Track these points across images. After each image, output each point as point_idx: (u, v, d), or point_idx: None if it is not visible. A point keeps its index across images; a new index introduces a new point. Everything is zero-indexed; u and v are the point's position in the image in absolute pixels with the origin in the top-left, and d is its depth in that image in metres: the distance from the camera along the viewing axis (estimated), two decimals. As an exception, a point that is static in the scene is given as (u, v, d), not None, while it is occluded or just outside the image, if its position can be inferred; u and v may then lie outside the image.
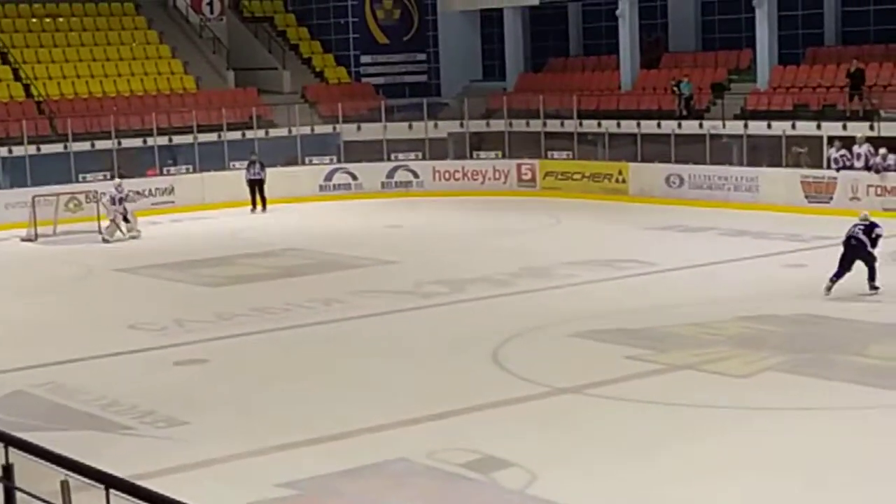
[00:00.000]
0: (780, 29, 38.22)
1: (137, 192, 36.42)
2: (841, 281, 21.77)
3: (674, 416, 15.23)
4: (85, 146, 37.95)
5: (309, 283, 25.49)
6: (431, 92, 45.93)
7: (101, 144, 38.17)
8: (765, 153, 35.31)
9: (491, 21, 46.71)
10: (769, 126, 35.29)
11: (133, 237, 32.65)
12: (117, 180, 34.06)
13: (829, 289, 21.75)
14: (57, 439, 13.65)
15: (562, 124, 40.16)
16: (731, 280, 24.29)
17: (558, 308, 21.95)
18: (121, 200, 32.90)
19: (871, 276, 22.02)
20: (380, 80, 45.91)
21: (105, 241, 32.31)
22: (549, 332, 20.17)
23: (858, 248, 21.92)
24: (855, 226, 22.18)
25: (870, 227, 22.08)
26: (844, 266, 21.90)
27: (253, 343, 20.18)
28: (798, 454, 13.54)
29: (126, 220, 32.83)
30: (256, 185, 37.40)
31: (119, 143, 38.37)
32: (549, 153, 39.91)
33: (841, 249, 22.08)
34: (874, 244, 22.01)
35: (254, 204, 37.33)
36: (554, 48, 46.01)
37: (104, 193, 33.39)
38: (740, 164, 35.52)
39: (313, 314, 22.11)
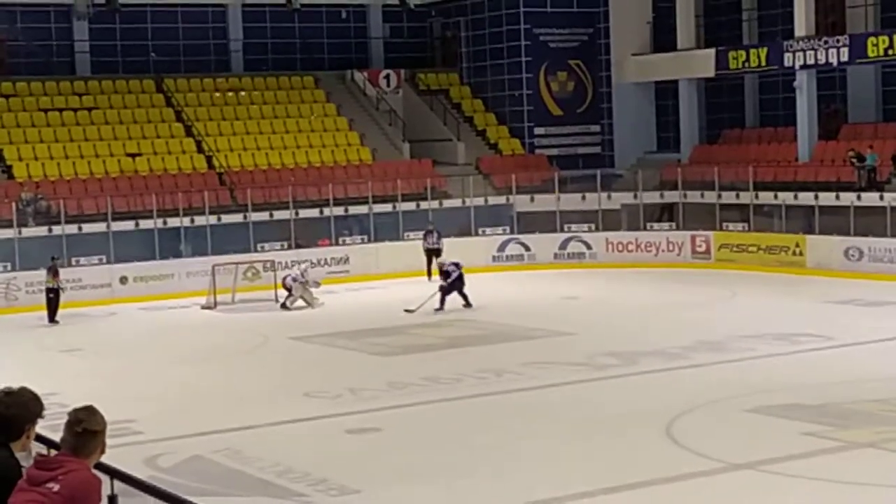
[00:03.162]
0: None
1: (312, 263, 37.13)
2: None
3: (853, 496, 14.82)
4: (263, 216, 38.76)
5: (481, 354, 25.53)
6: (605, 163, 45.86)
7: (278, 214, 38.95)
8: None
9: (666, 93, 46.55)
10: (953, 198, 34.42)
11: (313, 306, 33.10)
12: (303, 266, 34.36)
13: None
14: (232, 505, 13.88)
15: (737, 196, 39.74)
16: (913, 356, 23.64)
17: (733, 382, 21.58)
18: (302, 285, 33.28)
19: None
20: (553, 152, 46.06)
21: (284, 307, 32.88)
22: (724, 407, 19.83)
23: None
24: None
25: None
26: None
27: (425, 413, 20.25)
28: None
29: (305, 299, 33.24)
30: (433, 255, 37.69)
31: (296, 214, 39.09)
32: (725, 225, 39.48)
33: None
34: None
35: (430, 273, 37.60)
36: (729, 120, 45.65)
37: (289, 275, 33.74)
38: (922, 236, 34.68)
39: (485, 385, 22.12)
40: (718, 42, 43.68)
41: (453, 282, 32.09)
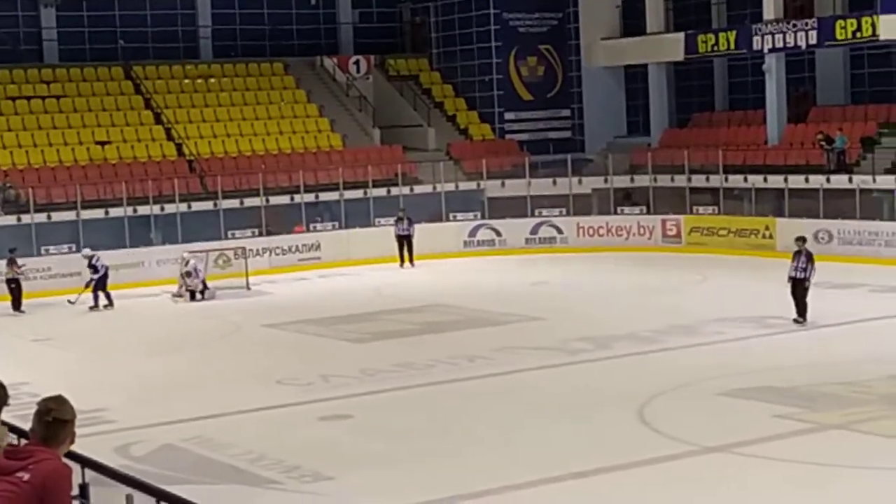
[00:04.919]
0: (932, 81, 37.56)
1: (284, 249, 37.21)
2: None
3: (823, 477, 14.90)
4: (234, 203, 38.67)
5: (453, 340, 25.54)
6: (575, 148, 45.94)
7: (249, 202, 38.85)
8: (917, 208, 34.62)
9: (635, 77, 46.60)
10: (921, 180, 34.61)
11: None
12: (185, 255, 33.83)
13: None
14: (205, 492, 13.87)
15: (707, 179, 39.87)
16: (882, 338, 23.74)
17: (705, 365, 21.65)
18: (188, 274, 33.01)
19: None
20: (524, 137, 46.07)
21: (177, 296, 32.92)
22: (695, 390, 19.91)
23: None
24: None
25: None
26: None
27: (397, 399, 20.24)
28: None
29: (193, 294, 32.92)
30: (405, 241, 37.69)
31: (267, 201, 39.00)
32: (695, 209, 39.59)
33: None
34: None
35: (402, 259, 37.61)
36: (699, 103, 45.75)
37: (185, 261, 33.40)
38: (891, 219, 34.82)
39: (457, 370, 22.13)
40: (687, 26, 43.76)
41: (101, 278, 32.01)
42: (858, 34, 37.85)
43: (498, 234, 40.52)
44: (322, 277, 36.43)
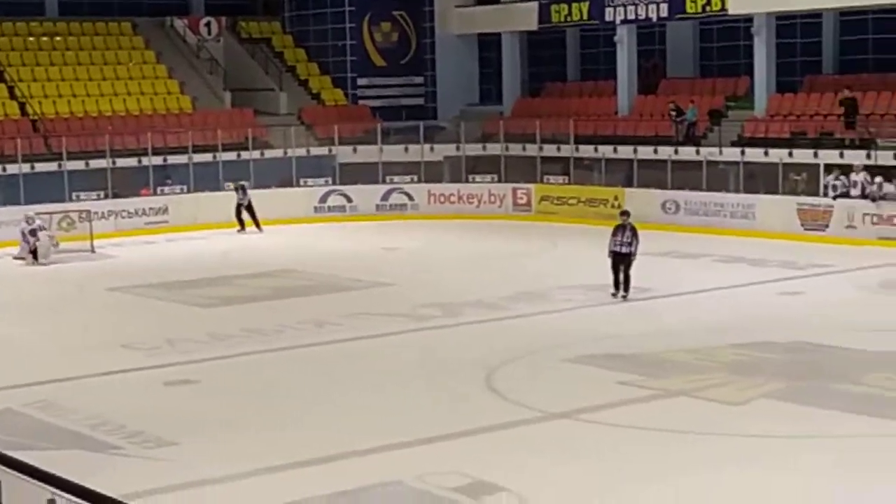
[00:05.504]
0: (778, 57, 38.24)
1: (131, 212, 36.64)
2: None
3: (665, 443, 15.09)
4: (79, 165, 37.88)
5: (302, 305, 25.37)
6: (428, 115, 45.90)
7: (95, 163, 38.08)
8: (761, 180, 35.25)
9: (489, 45, 46.69)
10: (766, 153, 35.28)
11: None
12: (30, 213, 33.08)
13: None
14: (45, 458, 13.52)
15: (558, 149, 40.16)
16: (726, 307, 24.18)
17: (553, 332, 21.83)
18: (33, 232, 32.35)
19: None
20: (376, 103, 45.88)
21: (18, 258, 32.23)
22: (543, 357, 20.05)
23: None
24: None
25: None
26: None
27: (244, 364, 20.03)
28: (793, 483, 13.41)
29: (34, 255, 32.22)
30: (242, 209, 37.30)
31: (114, 163, 38.28)
32: (546, 178, 39.88)
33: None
34: None
35: (241, 224, 37.20)
36: (551, 73, 46.01)
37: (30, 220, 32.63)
38: (737, 190, 35.46)
39: (306, 336, 21.98)
40: (541, -6, 43.95)
41: None
42: (708, 8, 38.43)
43: (349, 200, 40.34)
44: (170, 241, 35.92)
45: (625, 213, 25.67)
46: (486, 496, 13.06)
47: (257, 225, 37.28)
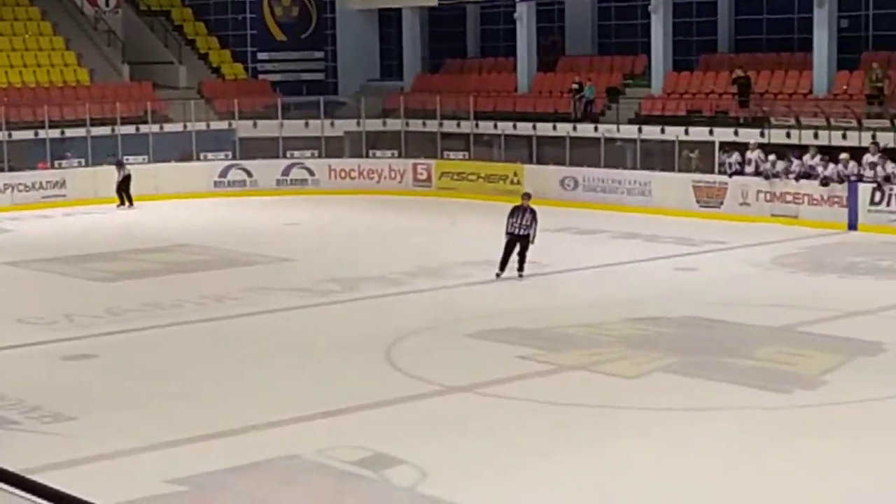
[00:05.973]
0: (674, 35, 38.70)
1: (28, 185, 36.20)
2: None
3: (564, 416, 15.33)
4: (-26, 137, 37.37)
5: (201, 280, 25.31)
6: (328, 90, 45.84)
7: (-10, 136, 37.59)
8: (658, 158, 35.72)
9: (389, 21, 46.72)
10: (663, 131, 35.74)
11: None
12: None
13: None
14: (-60, 434, 13.45)
15: (458, 125, 40.33)
16: (622, 282, 24.54)
17: (452, 307, 22.03)
18: None
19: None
20: (277, 77, 45.72)
21: None
22: (442, 332, 20.23)
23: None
24: None
25: None
26: None
27: (143, 339, 19.97)
28: (682, 455, 13.71)
29: None
30: (123, 186, 37.01)
31: (9, 136, 37.78)
32: (446, 154, 40.05)
33: None
34: None
35: (122, 201, 36.87)
36: (451, 49, 46.14)
37: None
38: (634, 167, 35.89)
39: (205, 311, 21.95)
40: (442, -28, 44.04)
41: None
42: (606, -14, 38.75)
43: (249, 174, 40.18)
44: (67, 216, 35.57)
45: (526, 196, 25.56)
46: (386, 469, 13.19)
47: (130, 201, 36.86)
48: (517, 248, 24.52)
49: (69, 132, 38.94)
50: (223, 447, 14.09)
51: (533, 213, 24.65)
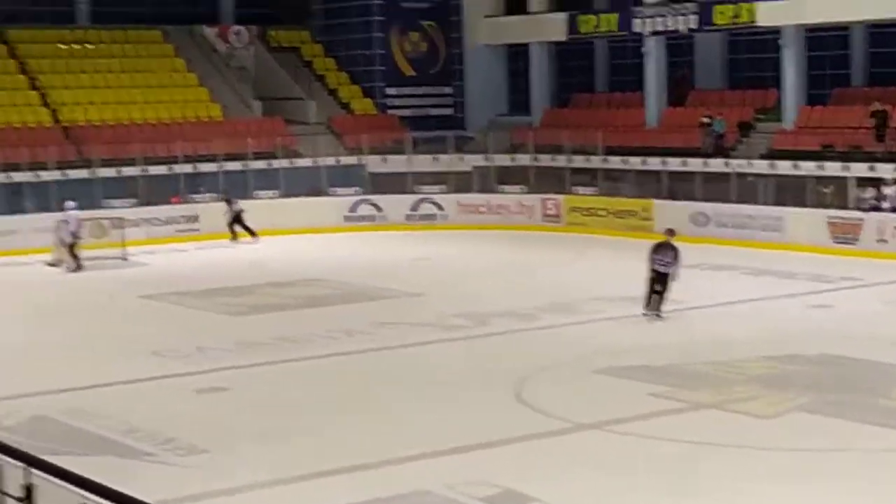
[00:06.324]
0: (807, 69, 38.16)
1: (162, 220, 36.92)
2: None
3: (698, 456, 15.08)
4: (110, 172, 38.09)
5: (331, 314, 25.44)
6: (457, 125, 45.95)
7: (126, 171, 38.28)
8: (791, 193, 35.16)
9: (517, 56, 46.75)
10: (795, 166, 35.19)
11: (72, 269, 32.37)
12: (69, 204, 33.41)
13: None
14: (77, 464, 13.57)
15: (587, 160, 40.13)
16: (755, 319, 24.13)
17: (582, 343, 21.84)
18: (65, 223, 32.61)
19: None
20: (406, 113, 45.96)
21: (51, 265, 32.41)
22: (572, 368, 20.06)
23: None
24: None
25: None
26: None
27: (274, 372, 20.11)
28: (824, 497, 13.39)
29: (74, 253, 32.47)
30: (237, 219, 37.39)
31: (144, 170, 38.46)
32: (574, 189, 39.87)
33: None
34: None
35: (234, 235, 37.32)
36: (580, 84, 46.02)
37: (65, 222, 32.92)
38: (766, 203, 35.38)
39: (335, 345, 22.04)
40: (570, 6, 43.97)
41: None
42: (737, 20, 38.42)
43: (378, 209, 40.43)
44: (199, 249, 36.08)
45: (670, 232, 24.92)
46: (516, 507, 13.07)
47: (252, 233, 37.27)
48: (658, 286, 24.11)
49: (202, 167, 39.53)
50: (354, 482, 14.08)
51: (675, 250, 24.11)
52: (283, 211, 38.86)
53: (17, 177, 36.81)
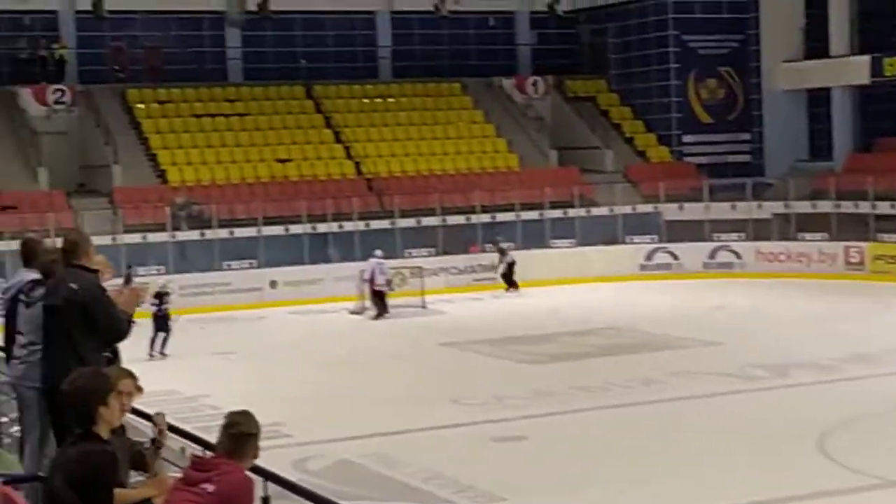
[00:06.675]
0: None
1: (459, 269, 37.57)
2: None
3: None
4: (410, 222, 38.94)
5: (629, 363, 25.32)
6: (755, 172, 45.16)
7: (426, 221, 39.07)
8: None
9: (818, 100, 45.68)
10: None
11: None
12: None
13: None
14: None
15: (893, 206, 38.81)
16: None
17: (887, 397, 21.07)
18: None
19: None
20: (702, 160, 45.50)
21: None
22: (878, 422, 19.38)
23: None
24: None
25: None
26: None
27: (571, 422, 20.12)
28: None
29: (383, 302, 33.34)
30: (511, 269, 37.55)
31: (443, 220, 39.19)
32: (879, 236, 38.61)
33: None
34: None
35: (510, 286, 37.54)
36: (884, 127, 44.60)
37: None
38: None
39: (633, 394, 21.92)
40: (874, 48, 42.72)
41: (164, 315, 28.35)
42: None
43: (675, 257, 40.07)
44: (496, 298, 36.48)
45: None
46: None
47: (515, 286, 37.40)
48: None
49: (499, 216, 39.99)
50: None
51: None
52: (580, 260, 38.94)
53: (322, 227, 38.02)
